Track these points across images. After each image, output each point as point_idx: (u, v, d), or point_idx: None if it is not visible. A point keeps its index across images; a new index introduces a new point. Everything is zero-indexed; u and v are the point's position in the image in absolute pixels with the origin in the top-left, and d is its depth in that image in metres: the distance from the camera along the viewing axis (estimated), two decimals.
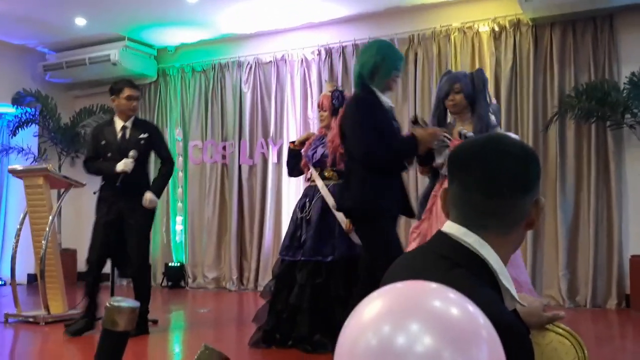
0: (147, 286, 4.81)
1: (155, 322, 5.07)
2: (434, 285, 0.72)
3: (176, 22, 7.24)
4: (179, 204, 7.94)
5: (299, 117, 7.26)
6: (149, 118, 8.22)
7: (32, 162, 7.90)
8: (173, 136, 7.98)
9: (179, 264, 7.83)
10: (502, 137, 1.19)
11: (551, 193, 5.96)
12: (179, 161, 7.94)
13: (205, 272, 7.66)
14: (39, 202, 5.36)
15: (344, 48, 7.06)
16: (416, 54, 6.67)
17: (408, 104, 6.67)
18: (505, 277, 1.06)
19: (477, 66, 6.37)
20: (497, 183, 1.07)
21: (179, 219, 7.94)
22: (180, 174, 7.93)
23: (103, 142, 4.76)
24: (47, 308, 5.22)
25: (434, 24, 6.59)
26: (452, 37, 6.49)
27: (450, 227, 1.11)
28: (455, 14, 6.53)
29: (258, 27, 7.37)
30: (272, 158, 7.33)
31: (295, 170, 4.48)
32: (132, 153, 4.65)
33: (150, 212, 4.79)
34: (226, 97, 7.75)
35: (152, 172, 6.46)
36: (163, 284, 7.78)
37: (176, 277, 7.74)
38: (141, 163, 4.77)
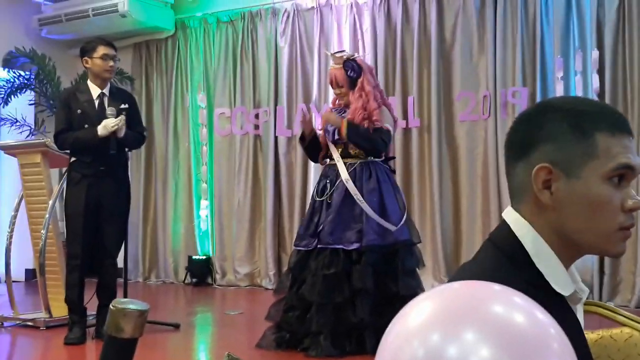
0: (115, 284, 4.96)
1: (177, 326, 5.20)
2: (496, 287, 0.73)
3: None
4: (204, 185, 8.05)
5: None
6: (166, 80, 8.35)
7: (28, 135, 8.04)
8: (195, 103, 8.08)
9: (204, 257, 7.96)
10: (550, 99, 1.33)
11: None
12: (202, 133, 8.05)
13: (237, 266, 7.78)
14: (37, 184, 5.50)
15: None
16: None
17: (486, 59, 6.57)
18: (544, 258, 1.11)
19: (572, 8, 6.23)
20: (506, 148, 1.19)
21: (204, 203, 8.05)
22: (205, 148, 8.04)
23: (79, 112, 4.85)
24: (48, 309, 5.37)
25: None
26: None
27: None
28: None
29: None
30: (316, 127, 7.33)
31: (316, 155, 4.67)
32: (109, 111, 4.77)
33: (128, 198, 4.99)
34: (258, 53, 7.78)
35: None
36: (186, 281, 7.94)
37: (202, 272, 7.89)
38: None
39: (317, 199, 4.44)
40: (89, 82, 5.01)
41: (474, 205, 6.64)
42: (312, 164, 7.33)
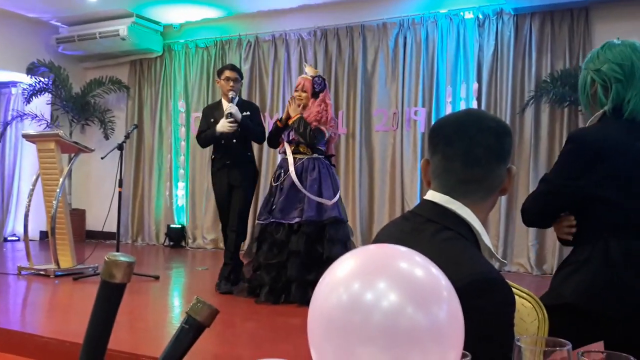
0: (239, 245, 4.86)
1: (157, 277, 5.11)
2: (403, 249, 0.72)
3: (181, 0, 7.14)
4: (181, 171, 7.92)
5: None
6: (154, 90, 8.16)
7: (45, 128, 7.82)
8: (176, 108, 7.93)
9: (180, 226, 7.85)
10: (481, 112, 1.21)
11: (525, 170, 5.99)
12: (181, 131, 7.91)
13: (204, 233, 7.68)
14: (51, 165, 5.34)
15: (338, 30, 6.99)
16: (405, 38, 6.61)
17: (397, 85, 6.64)
18: (485, 236, 1.10)
19: (460, 50, 6.34)
20: (477, 154, 1.09)
21: (181, 184, 7.93)
22: (183, 143, 7.90)
23: (212, 120, 4.76)
24: (57, 262, 5.25)
25: (423, 10, 6.53)
26: (439, 23, 6.44)
27: (433, 196, 1.13)
28: (443, 1, 6.47)
29: (258, 6, 7.27)
30: (268, 131, 7.29)
31: (276, 142, 4.55)
32: (228, 108, 4.60)
33: (253, 183, 4.88)
34: None
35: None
36: (165, 244, 7.81)
37: (177, 237, 7.77)
38: (244, 137, 4.75)
39: (274, 184, 4.38)
40: (222, 98, 4.89)
41: (383, 193, 6.71)
42: (264, 159, 7.29)
